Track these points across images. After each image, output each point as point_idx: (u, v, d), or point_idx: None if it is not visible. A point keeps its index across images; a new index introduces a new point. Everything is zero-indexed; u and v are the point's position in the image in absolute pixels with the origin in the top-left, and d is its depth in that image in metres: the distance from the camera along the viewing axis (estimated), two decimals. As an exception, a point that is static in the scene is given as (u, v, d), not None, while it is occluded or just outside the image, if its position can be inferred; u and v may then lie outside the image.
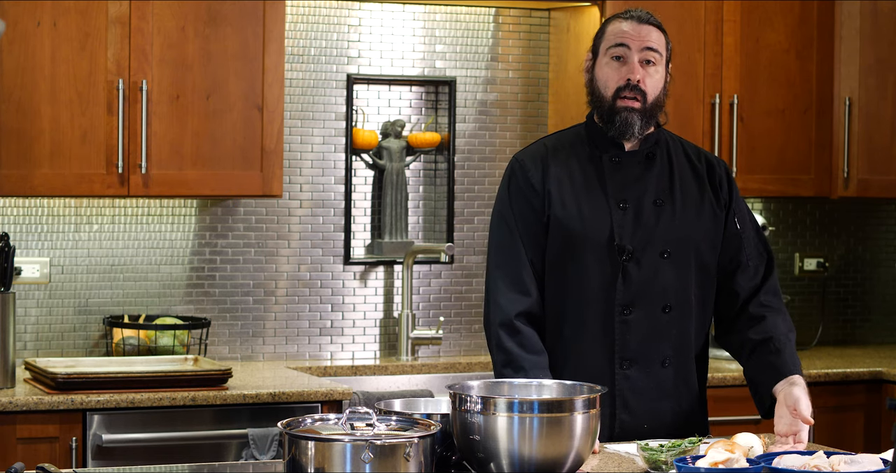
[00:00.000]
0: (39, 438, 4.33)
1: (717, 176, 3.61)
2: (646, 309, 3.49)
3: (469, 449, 2.90)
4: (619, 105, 3.50)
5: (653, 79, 3.51)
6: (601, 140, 3.57)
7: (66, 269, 5.00)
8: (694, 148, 3.66)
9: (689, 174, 3.59)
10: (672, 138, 3.64)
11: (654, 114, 3.54)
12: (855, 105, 5.52)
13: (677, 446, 3.12)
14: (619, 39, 3.51)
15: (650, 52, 3.51)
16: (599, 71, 3.54)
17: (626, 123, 3.50)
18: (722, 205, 3.59)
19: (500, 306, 3.49)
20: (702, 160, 3.63)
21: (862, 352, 5.74)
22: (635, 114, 3.50)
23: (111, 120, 4.70)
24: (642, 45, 3.50)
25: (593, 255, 3.49)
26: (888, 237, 6.08)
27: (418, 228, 5.47)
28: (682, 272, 3.52)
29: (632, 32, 3.51)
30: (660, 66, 3.53)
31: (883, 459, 3.00)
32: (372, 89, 5.40)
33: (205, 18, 4.80)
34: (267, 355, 5.26)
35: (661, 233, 3.51)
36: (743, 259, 3.59)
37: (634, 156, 3.56)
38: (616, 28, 3.54)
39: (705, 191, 3.58)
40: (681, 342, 3.54)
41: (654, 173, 3.56)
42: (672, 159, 3.59)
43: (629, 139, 3.54)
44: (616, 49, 3.51)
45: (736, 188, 3.64)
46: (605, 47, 3.53)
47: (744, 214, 3.62)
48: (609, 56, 3.52)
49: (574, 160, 3.56)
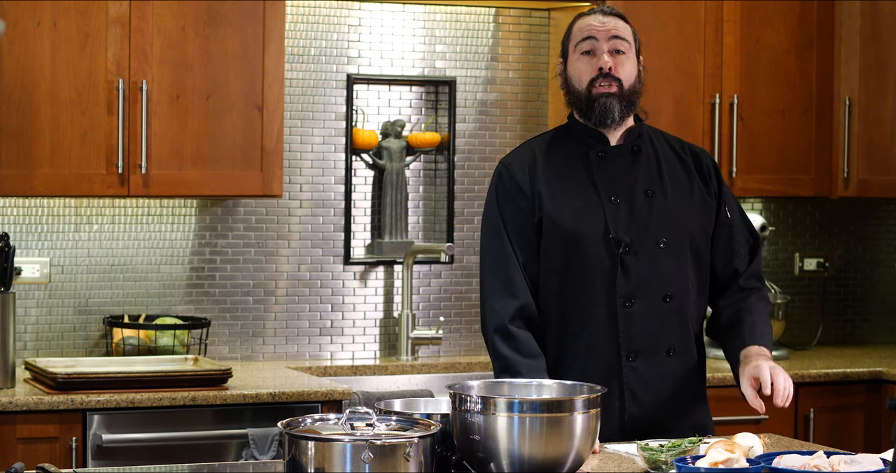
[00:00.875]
0: (39, 438, 4.33)
1: (704, 166, 3.64)
2: (647, 300, 3.51)
3: (469, 449, 2.90)
4: (595, 92, 3.53)
5: (625, 67, 3.55)
6: (585, 137, 3.60)
7: (66, 269, 5.00)
8: (677, 140, 3.70)
9: (676, 164, 3.62)
10: (654, 131, 3.68)
11: (632, 101, 3.57)
12: (855, 105, 5.52)
13: (677, 446, 3.13)
14: (585, 33, 3.55)
15: (618, 40, 3.55)
16: (571, 68, 3.58)
17: (605, 108, 3.53)
18: (713, 195, 3.62)
19: (494, 311, 3.51)
20: (686, 151, 3.66)
21: (862, 352, 5.74)
22: (613, 98, 3.53)
23: (111, 120, 4.70)
24: (609, 34, 3.54)
25: (590, 251, 3.50)
26: (888, 237, 6.08)
27: (418, 228, 5.47)
28: (679, 260, 3.55)
29: (597, 25, 3.55)
30: (630, 54, 3.57)
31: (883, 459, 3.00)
32: (372, 89, 5.40)
33: (205, 18, 4.80)
34: (267, 355, 5.26)
35: (655, 223, 3.53)
36: (735, 246, 3.63)
37: (620, 150, 3.58)
38: (581, 24, 3.58)
39: (694, 181, 3.61)
40: (683, 330, 3.56)
41: (642, 165, 3.58)
42: (657, 151, 3.62)
43: (611, 126, 3.56)
44: (584, 43, 3.55)
45: (724, 181, 3.68)
46: (574, 44, 3.58)
47: (732, 203, 3.67)
48: (579, 52, 3.56)
49: (561, 159, 3.58)
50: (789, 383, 3.35)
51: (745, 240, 3.66)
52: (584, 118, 3.59)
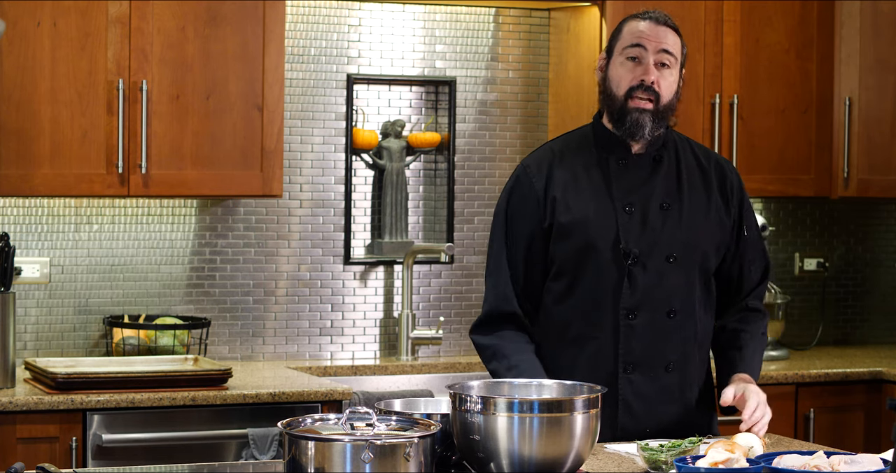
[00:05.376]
0: (39, 438, 4.33)
1: (728, 182, 3.59)
2: (651, 314, 3.48)
3: (469, 449, 2.90)
4: (630, 105, 3.47)
5: (667, 82, 3.48)
6: (608, 142, 3.55)
7: (66, 269, 5.00)
8: (703, 150, 3.64)
9: (697, 177, 3.56)
10: (680, 139, 3.62)
11: (665, 117, 3.50)
12: (855, 105, 5.52)
13: (677, 446, 3.13)
14: (635, 39, 3.48)
15: (666, 54, 3.48)
16: (613, 70, 3.51)
17: (636, 124, 3.47)
18: (731, 215, 3.57)
19: (483, 312, 3.56)
20: (711, 163, 3.60)
21: (862, 352, 5.74)
22: (647, 115, 3.47)
23: (111, 120, 4.70)
24: (659, 46, 3.47)
25: (599, 259, 3.47)
26: (888, 237, 6.08)
27: (418, 228, 5.47)
28: (688, 276, 3.51)
29: (649, 33, 3.47)
30: (674, 69, 3.50)
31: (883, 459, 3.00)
32: (372, 89, 5.40)
33: (205, 18, 4.80)
34: (267, 355, 5.26)
35: (667, 237, 3.49)
36: (746, 265, 3.61)
37: (642, 159, 3.53)
38: (633, 28, 3.50)
39: (713, 197, 3.56)
40: (685, 346, 3.53)
41: (661, 176, 3.53)
42: (680, 162, 3.56)
43: (638, 141, 3.52)
44: (632, 49, 3.48)
45: (747, 196, 3.63)
46: (622, 47, 3.50)
47: (752, 221, 3.63)
48: (624, 56, 3.49)
49: (580, 163, 3.54)
50: (767, 418, 3.40)
51: (759, 261, 3.64)
52: (613, 124, 3.53)
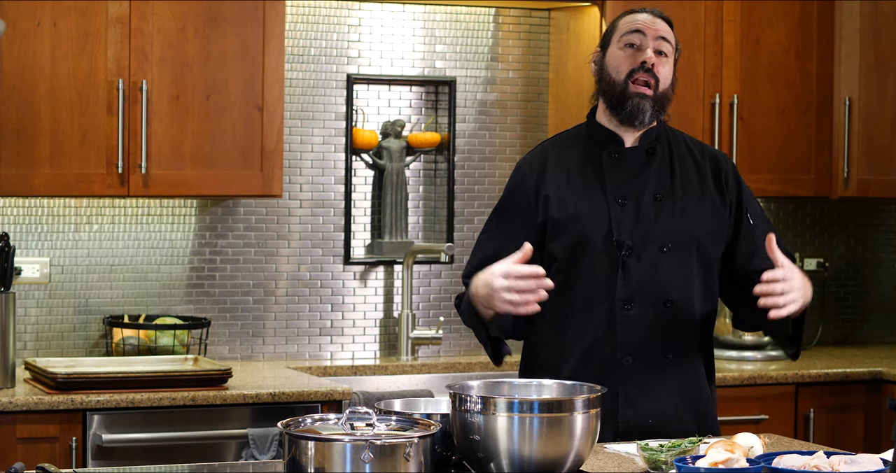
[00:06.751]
0: (39, 438, 4.33)
1: (723, 172, 3.60)
2: (647, 305, 3.49)
3: (469, 449, 2.90)
4: (631, 90, 3.51)
5: (664, 69, 3.53)
6: (601, 137, 3.58)
7: (66, 269, 5.00)
8: (697, 144, 3.66)
9: (690, 169, 3.59)
10: (674, 134, 3.64)
11: (663, 106, 3.54)
12: (855, 105, 5.52)
13: (677, 446, 3.12)
14: (634, 27, 3.53)
15: (663, 42, 3.53)
16: (611, 58, 3.55)
17: (637, 108, 3.50)
18: (726, 203, 3.57)
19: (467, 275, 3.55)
20: (705, 156, 3.62)
21: (862, 352, 5.74)
22: (647, 101, 3.50)
23: (111, 120, 4.70)
24: (657, 34, 3.53)
25: (593, 252, 3.49)
26: (888, 237, 6.08)
27: (418, 228, 5.47)
28: (684, 267, 3.52)
29: (647, 22, 3.54)
30: (670, 59, 3.55)
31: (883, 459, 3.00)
32: (372, 89, 5.40)
33: (205, 18, 4.80)
34: (267, 355, 5.26)
35: (661, 227, 3.51)
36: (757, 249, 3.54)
37: (635, 152, 3.56)
38: (630, 19, 3.56)
39: (707, 187, 3.57)
40: (683, 337, 3.53)
41: (654, 168, 3.56)
42: (673, 154, 3.59)
43: (637, 127, 3.54)
44: (631, 36, 3.52)
45: (745, 186, 3.63)
46: (619, 35, 3.55)
47: (756, 210, 3.62)
48: (623, 43, 3.54)
49: (572, 160, 3.58)
50: (789, 297, 3.28)
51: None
52: (612, 111, 3.55)
